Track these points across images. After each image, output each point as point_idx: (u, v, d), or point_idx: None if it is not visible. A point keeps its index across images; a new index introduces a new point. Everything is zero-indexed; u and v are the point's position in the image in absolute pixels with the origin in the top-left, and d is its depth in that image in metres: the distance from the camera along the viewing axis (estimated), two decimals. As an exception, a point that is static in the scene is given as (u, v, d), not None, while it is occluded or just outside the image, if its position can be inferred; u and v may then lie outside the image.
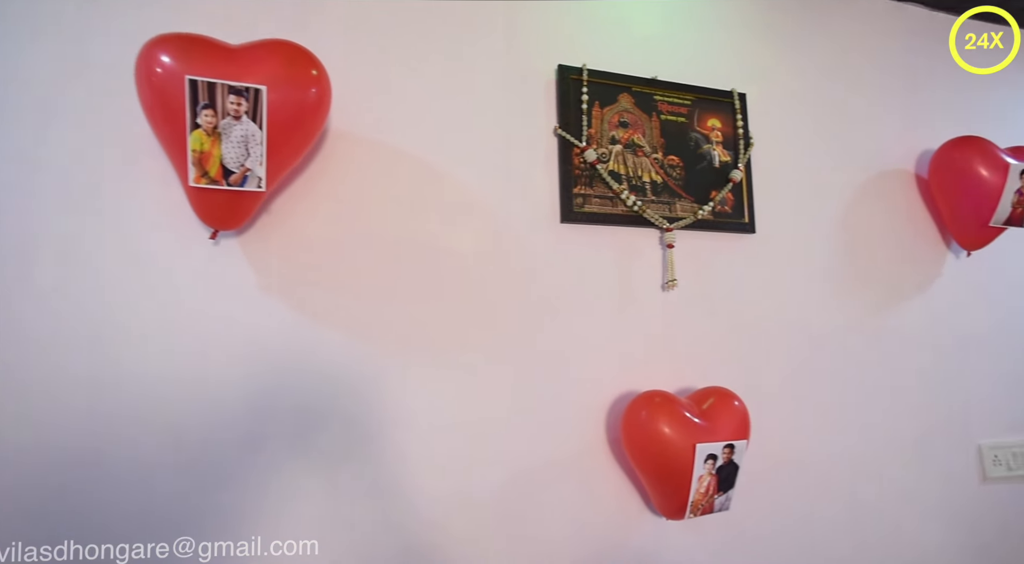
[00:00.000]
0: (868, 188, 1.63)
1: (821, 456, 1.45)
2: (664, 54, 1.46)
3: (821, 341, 1.50)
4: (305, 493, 1.06)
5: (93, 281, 1.01)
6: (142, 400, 1.00)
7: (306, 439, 1.07)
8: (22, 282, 0.98)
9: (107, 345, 1.00)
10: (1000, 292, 1.72)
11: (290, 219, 1.13)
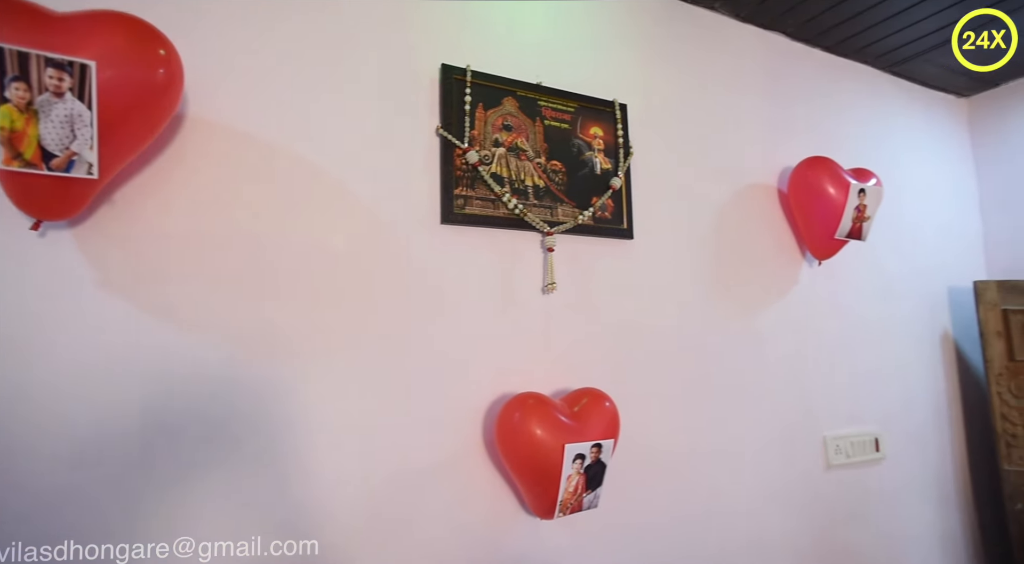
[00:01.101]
0: (736, 200, 1.76)
1: (688, 452, 1.54)
2: (549, 61, 1.49)
3: (691, 343, 1.59)
4: (160, 503, 0.97)
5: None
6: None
7: (152, 451, 0.98)
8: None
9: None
10: (844, 298, 1.91)
11: (137, 211, 1.03)
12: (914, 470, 1.96)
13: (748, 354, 1.69)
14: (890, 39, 1.99)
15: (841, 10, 1.82)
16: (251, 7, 1.17)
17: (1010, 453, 1.92)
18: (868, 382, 1.92)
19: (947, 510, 2.01)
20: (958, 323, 2.17)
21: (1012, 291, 2.00)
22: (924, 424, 2.03)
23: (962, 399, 2.14)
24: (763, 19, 1.87)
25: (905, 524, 1.90)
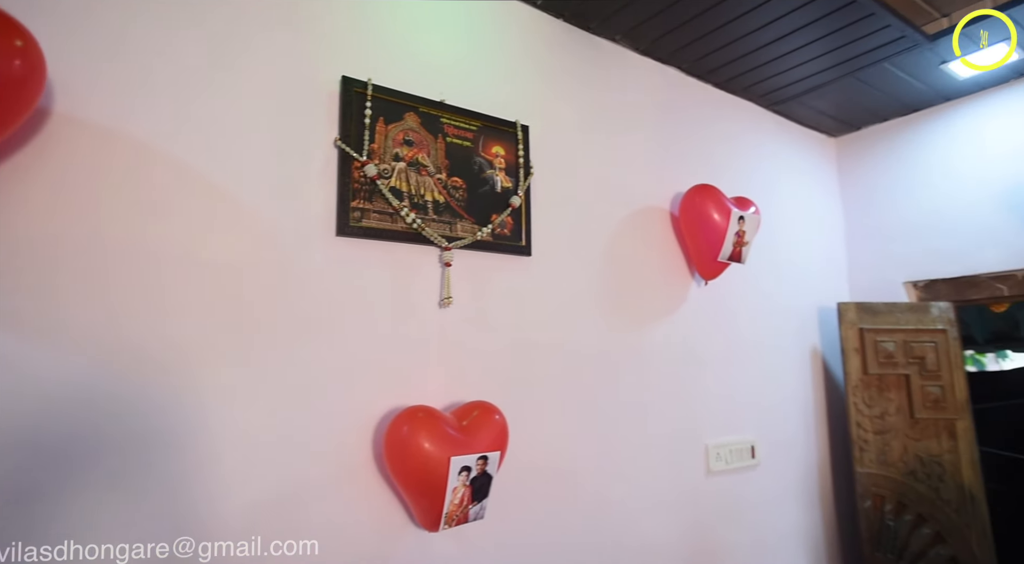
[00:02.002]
0: (631, 221, 1.86)
1: (577, 462, 1.60)
2: (453, 79, 1.52)
3: (584, 357, 1.66)
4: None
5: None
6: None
7: (22, 472, 0.90)
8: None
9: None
10: (726, 316, 2.07)
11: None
12: (784, 473, 2.15)
13: (638, 368, 1.79)
14: (772, 80, 2.19)
15: (729, 51, 1.98)
16: (135, 3, 1.11)
17: (862, 456, 2.14)
18: (746, 393, 2.09)
19: (810, 509, 2.21)
20: (825, 340, 2.41)
21: (868, 312, 2.24)
22: (794, 431, 2.22)
23: (827, 408, 2.37)
24: (660, 54, 2.00)
25: (775, 523, 2.08)
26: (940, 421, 2.15)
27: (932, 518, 2.08)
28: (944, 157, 2.32)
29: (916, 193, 2.40)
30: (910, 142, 2.43)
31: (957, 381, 2.18)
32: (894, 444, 2.16)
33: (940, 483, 2.11)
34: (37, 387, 0.95)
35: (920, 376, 2.18)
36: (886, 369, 2.20)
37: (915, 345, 2.20)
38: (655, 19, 1.79)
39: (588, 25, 1.83)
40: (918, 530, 2.08)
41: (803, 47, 1.95)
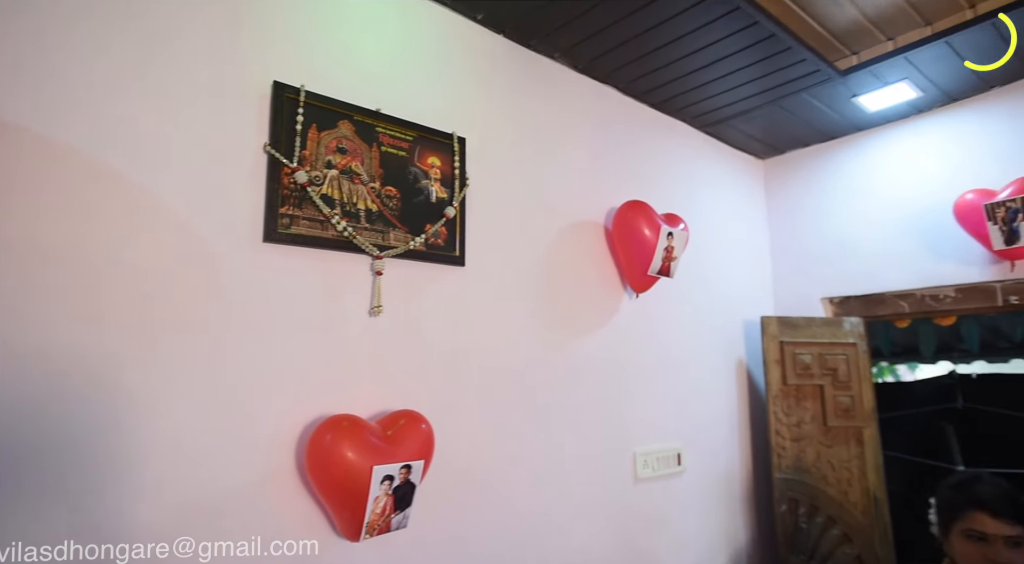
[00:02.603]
0: (566, 234, 1.92)
1: (508, 470, 1.63)
2: (390, 89, 1.53)
3: (516, 367, 1.70)
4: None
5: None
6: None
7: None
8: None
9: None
10: (657, 328, 2.15)
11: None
12: (708, 479, 2.24)
13: (570, 377, 1.84)
14: (704, 103, 2.30)
15: (664, 74, 2.07)
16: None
17: (780, 462, 2.27)
18: (675, 402, 2.17)
19: (732, 513, 2.32)
20: (749, 352, 2.54)
21: (788, 326, 2.38)
22: (718, 439, 2.33)
23: (749, 417, 2.49)
24: (597, 73, 2.07)
25: (699, 527, 2.16)
26: (849, 429, 2.30)
27: (840, 520, 2.22)
28: (857, 183, 2.50)
29: (833, 215, 2.57)
30: (828, 167, 2.60)
31: (865, 391, 2.34)
32: (809, 451, 2.29)
33: (848, 487, 2.25)
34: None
35: (833, 386, 2.33)
36: (803, 380, 2.34)
37: (829, 357, 2.35)
38: (593, 39, 1.86)
39: (528, 42, 1.88)
40: (828, 531, 2.21)
41: (731, 74, 2.06)
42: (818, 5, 1.82)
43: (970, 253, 2.11)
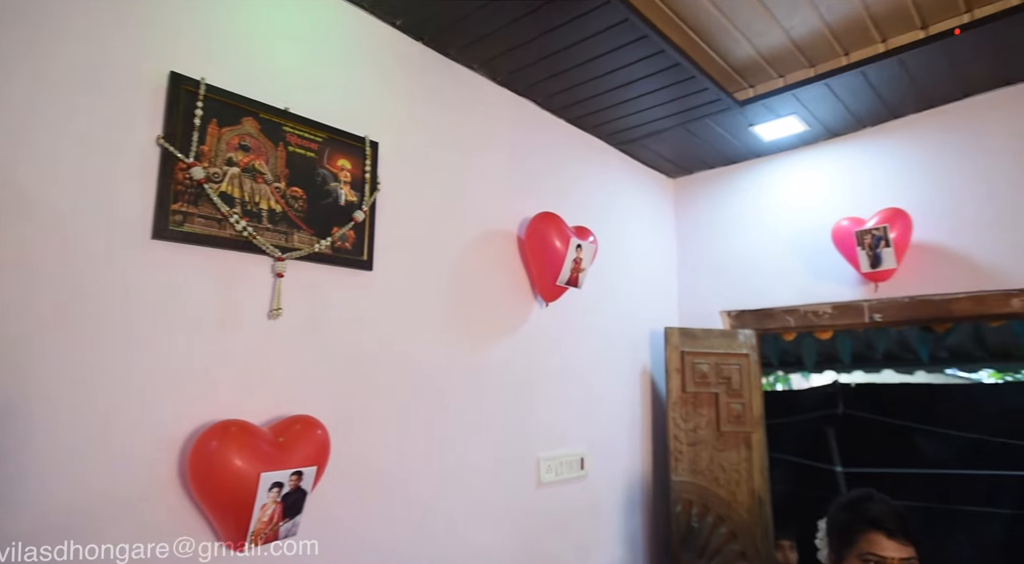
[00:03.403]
0: (479, 242, 1.95)
1: (410, 476, 1.63)
2: (300, 88, 1.50)
3: (423, 372, 1.70)
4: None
5: None
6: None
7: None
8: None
9: None
10: (565, 336, 2.23)
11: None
12: (610, 483, 2.34)
13: (477, 384, 1.86)
14: (618, 122, 2.41)
15: (580, 91, 2.15)
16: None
17: (677, 466, 2.40)
18: (580, 408, 2.25)
19: (631, 515, 2.42)
20: (654, 360, 2.67)
21: (688, 336, 2.53)
22: (621, 443, 2.43)
23: (651, 423, 2.62)
24: (516, 86, 2.12)
25: (600, 529, 2.25)
26: (740, 434, 2.48)
27: (728, 519, 2.37)
28: (753, 205, 2.70)
29: (733, 234, 2.75)
30: (729, 189, 2.79)
31: (755, 399, 2.52)
32: (703, 455, 2.44)
33: (736, 488, 2.41)
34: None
35: (727, 394, 2.49)
36: (700, 388, 2.49)
37: (724, 367, 2.52)
38: (512, 54, 1.91)
39: (447, 52, 1.90)
40: (717, 530, 2.36)
41: (643, 96, 2.17)
42: (719, 40, 1.97)
43: (844, 274, 2.33)
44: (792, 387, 5.70)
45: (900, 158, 2.29)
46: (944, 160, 2.18)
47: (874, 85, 2.06)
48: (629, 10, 1.66)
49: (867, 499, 1.34)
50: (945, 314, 2.14)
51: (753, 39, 1.95)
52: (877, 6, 1.76)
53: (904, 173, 2.27)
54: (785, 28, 1.88)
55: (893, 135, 2.32)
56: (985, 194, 2.07)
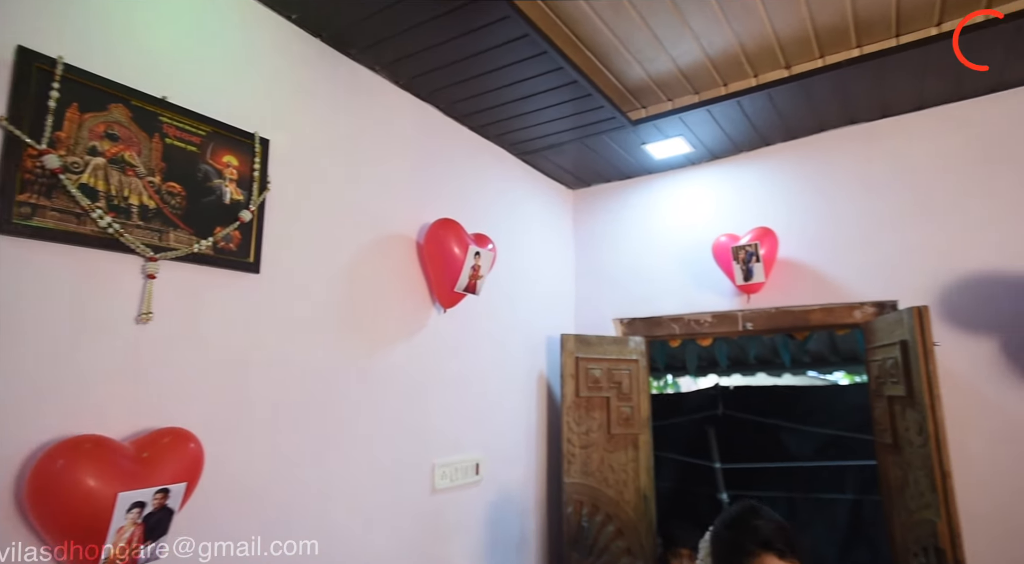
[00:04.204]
0: (377, 247, 1.91)
1: (298, 486, 1.56)
2: (182, 77, 1.40)
3: (315, 380, 1.64)
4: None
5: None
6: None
7: None
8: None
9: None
10: (463, 343, 2.24)
11: None
12: (505, 486, 2.37)
13: (372, 390, 1.82)
14: (520, 133, 2.46)
15: (484, 100, 2.18)
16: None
17: (569, 468, 2.48)
18: (477, 414, 2.27)
19: (526, 516, 2.48)
20: (550, 366, 2.75)
21: (583, 343, 2.63)
22: (517, 447, 2.48)
23: (547, 427, 2.69)
24: (420, 91, 2.11)
25: (493, 533, 2.27)
26: (628, 435, 2.61)
27: (616, 517, 2.49)
28: (645, 219, 2.86)
29: (627, 245, 2.90)
30: (625, 202, 2.94)
31: (643, 402, 2.66)
32: (594, 456, 2.54)
33: (624, 487, 2.54)
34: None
35: (617, 398, 2.62)
36: (593, 392, 2.59)
37: (615, 372, 2.64)
38: (415, 58, 1.90)
39: (348, 51, 1.86)
40: (605, 528, 2.47)
41: (544, 109, 2.24)
42: (614, 62, 2.07)
43: (721, 286, 2.54)
44: (680, 390, 6.09)
45: (769, 182, 2.53)
46: (803, 186, 2.45)
47: (748, 114, 2.27)
48: (529, 26, 1.71)
49: (753, 516, 1.26)
50: (803, 323, 2.39)
51: (644, 64, 2.08)
52: (749, 44, 1.94)
53: (772, 196, 2.51)
54: (672, 56, 2.02)
55: (764, 161, 2.56)
56: (835, 219, 2.35)
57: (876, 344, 2.09)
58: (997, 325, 1.98)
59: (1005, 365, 1.96)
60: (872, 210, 2.27)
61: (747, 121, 2.32)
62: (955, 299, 2.06)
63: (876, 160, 2.29)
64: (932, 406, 1.74)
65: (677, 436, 4.11)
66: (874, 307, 2.21)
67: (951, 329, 2.04)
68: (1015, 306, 1.96)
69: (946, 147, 2.17)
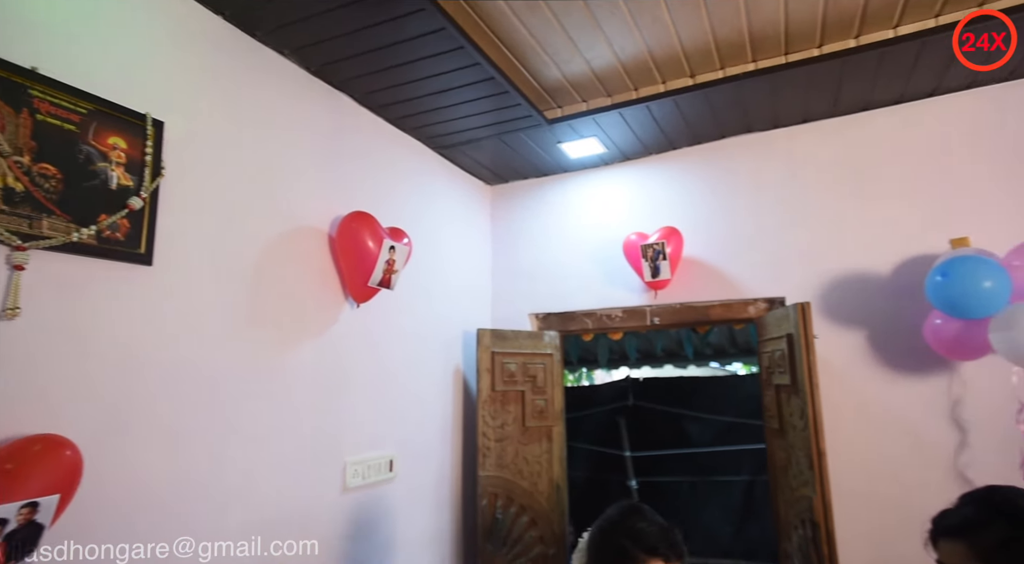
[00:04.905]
0: (286, 239, 1.83)
1: (194, 491, 1.47)
2: (58, 47, 1.27)
3: (214, 378, 1.55)
4: None
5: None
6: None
7: None
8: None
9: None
10: (378, 338, 2.19)
11: None
12: (420, 482, 2.36)
13: (279, 388, 1.75)
14: (438, 127, 2.44)
15: (400, 92, 2.14)
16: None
17: (484, 462, 2.50)
18: (391, 410, 2.23)
19: (440, 512, 2.47)
20: (466, 361, 2.75)
21: (499, 337, 2.65)
22: (432, 443, 2.46)
23: (463, 422, 2.70)
24: (333, 79, 2.04)
25: (406, 530, 2.25)
26: (543, 428, 2.67)
27: (530, 508, 2.55)
28: (560, 216, 2.93)
29: (542, 241, 2.96)
30: (541, 199, 3.00)
31: (557, 395, 2.74)
32: (509, 449, 2.58)
33: (538, 479, 2.60)
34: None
35: (532, 391, 2.67)
36: (508, 386, 2.63)
37: (531, 366, 2.69)
38: (327, 45, 1.83)
39: (254, 32, 1.76)
40: (519, 519, 2.52)
41: (462, 104, 2.24)
42: (531, 61, 2.10)
43: (631, 282, 2.65)
44: (594, 382, 6.30)
45: (677, 184, 2.67)
46: (705, 189, 2.60)
47: (657, 119, 2.38)
48: (446, 20, 1.70)
49: (636, 518, 1.21)
50: (704, 318, 2.55)
51: (560, 65, 2.12)
52: (658, 52, 2.03)
53: (678, 197, 2.66)
54: (586, 59, 2.08)
55: (672, 163, 2.70)
56: (732, 221, 2.52)
57: (767, 337, 2.27)
58: (866, 320, 2.21)
59: (871, 356, 2.19)
60: (764, 213, 2.46)
61: (656, 125, 2.43)
62: (832, 296, 2.27)
63: (768, 167, 2.48)
64: (811, 393, 1.91)
65: (590, 427, 4.27)
66: (765, 303, 2.40)
67: (829, 323, 2.25)
68: (880, 303, 2.19)
69: (826, 158, 2.38)
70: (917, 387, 2.12)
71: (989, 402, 2.00)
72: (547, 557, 2.52)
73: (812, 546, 1.86)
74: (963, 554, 0.91)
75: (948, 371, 2.08)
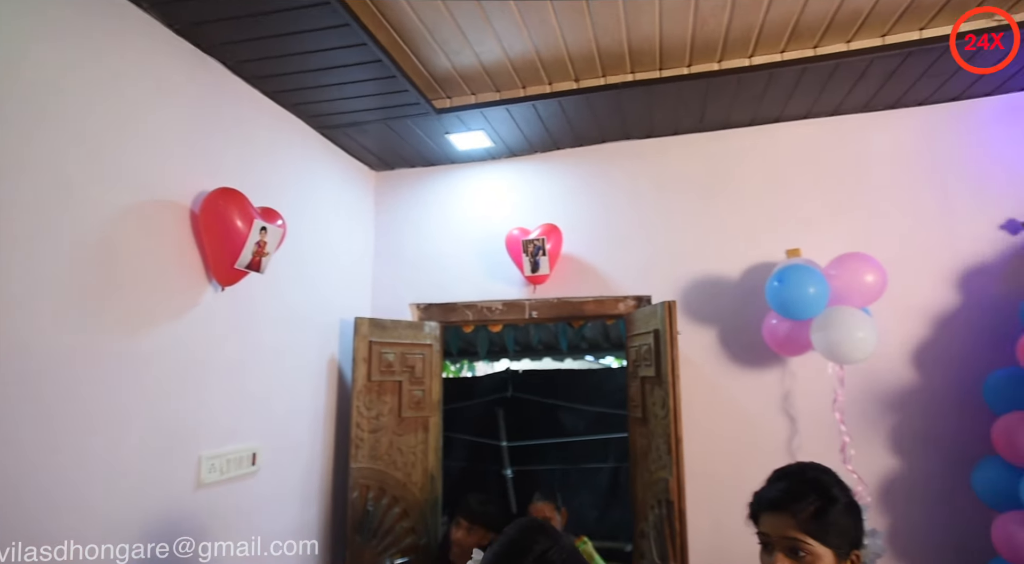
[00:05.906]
0: (139, 212, 1.66)
1: (27, 493, 1.29)
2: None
3: (36, 365, 1.37)
4: None
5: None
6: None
7: None
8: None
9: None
10: (244, 324, 2.06)
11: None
12: (287, 475, 2.25)
13: (123, 376, 1.59)
14: (321, 105, 2.33)
15: (279, 64, 2.01)
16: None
17: (357, 453, 2.45)
18: (258, 400, 2.11)
19: (308, 506, 2.38)
20: (343, 350, 2.67)
21: (378, 327, 2.60)
22: (301, 434, 2.36)
23: (336, 412, 2.61)
24: (201, 41, 1.88)
25: (271, 525, 2.13)
26: (419, 418, 2.66)
27: (402, 499, 2.53)
28: (445, 206, 2.94)
29: (426, 231, 2.94)
30: (426, 189, 2.98)
31: (435, 386, 2.74)
32: (383, 440, 2.54)
33: (412, 469, 2.59)
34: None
35: (410, 382, 2.65)
36: (386, 376, 2.59)
37: (409, 356, 2.67)
38: (192, 3, 1.68)
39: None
40: (391, 510, 2.49)
41: (347, 84, 2.16)
42: (421, 49, 2.08)
43: (512, 276, 2.72)
44: (476, 374, 6.38)
45: (558, 182, 2.78)
46: (585, 189, 2.74)
47: (542, 118, 2.46)
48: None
49: (537, 540, 1.02)
50: (579, 313, 2.68)
51: (450, 55, 2.12)
52: (545, 53, 2.10)
53: (560, 195, 2.77)
54: (476, 52, 2.09)
55: (555, 162, 2.80)
56: (608, 221, 2.68)
57: (635, 332, 2.44)
58: (718, 318, 2.46)
59: (721, 351, 2.44)
60: (635, 216, 2.64)
61: (541, 124, 2.51)
62: (691, 296, 2.50)
63: (641, 173, 2.67)
64: (674, 384, 2.09)
65: (469, 418, 4.31)
66: (634, 300, 2.57)
67: (689, 321, 2.47)
68: (728, 303, 2.45)
69: (692, 169, 2.61)
70: (757, 379, 2.40)
71: (812, 393, 2.31)
72: (417, 547, 2.52)
73: (666, 523, 2.04)
74: (786, 524, 1.05)
75: (780, 366, 2.38)
